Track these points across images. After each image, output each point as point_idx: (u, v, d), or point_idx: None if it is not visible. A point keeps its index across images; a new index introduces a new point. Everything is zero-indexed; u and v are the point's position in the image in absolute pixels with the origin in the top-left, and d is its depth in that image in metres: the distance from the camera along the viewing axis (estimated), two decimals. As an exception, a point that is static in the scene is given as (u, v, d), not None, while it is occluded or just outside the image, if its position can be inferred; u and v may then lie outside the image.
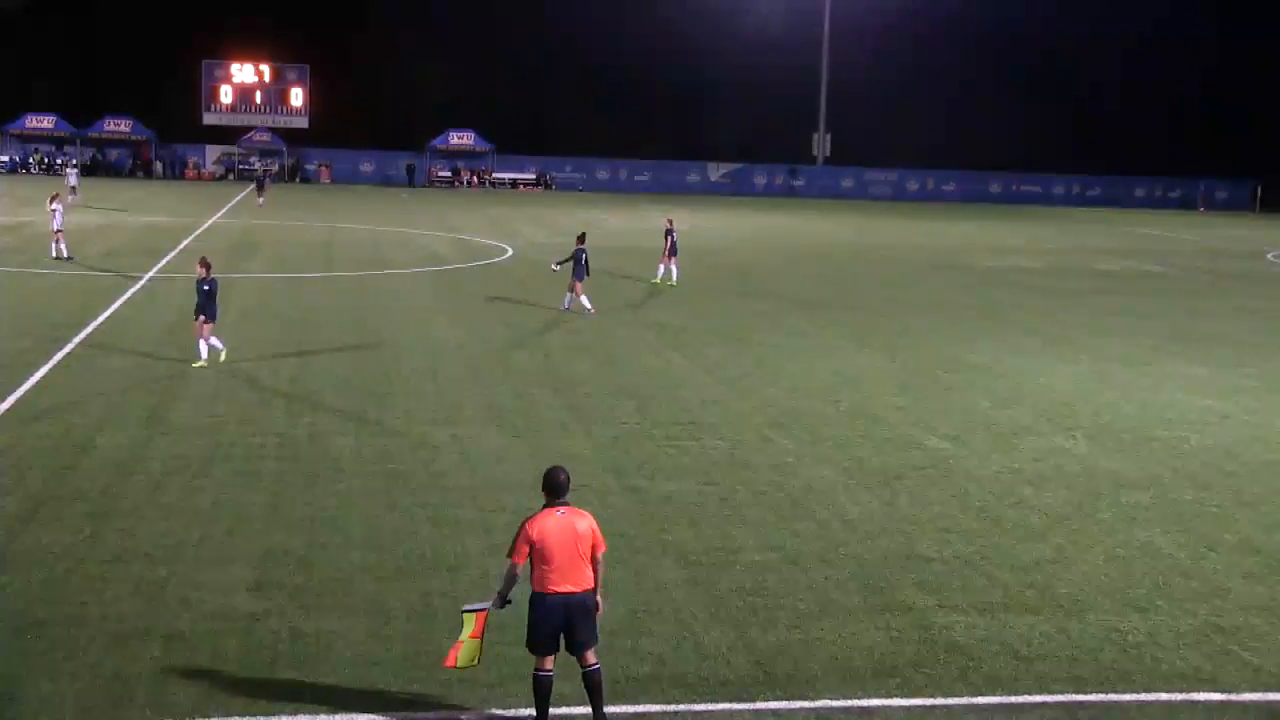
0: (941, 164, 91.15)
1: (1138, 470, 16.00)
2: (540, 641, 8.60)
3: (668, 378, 20.77)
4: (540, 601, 8.55)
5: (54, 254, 33.55)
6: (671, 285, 32.33)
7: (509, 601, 8.73)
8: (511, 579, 8.68)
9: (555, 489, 8.67)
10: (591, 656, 8.70)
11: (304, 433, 16.28)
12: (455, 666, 8.76)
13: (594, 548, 8.65)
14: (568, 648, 8.66)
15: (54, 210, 34.17)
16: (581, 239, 27.93)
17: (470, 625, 8.70)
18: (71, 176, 57.32)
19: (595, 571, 8.68)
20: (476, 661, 8.75)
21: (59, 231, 33.90)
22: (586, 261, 27.42)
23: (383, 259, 37.69)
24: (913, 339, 25.72)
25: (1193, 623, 11.04)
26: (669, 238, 32.93)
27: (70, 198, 35.59)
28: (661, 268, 32.99)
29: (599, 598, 8.75)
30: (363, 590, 11.03)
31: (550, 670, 8.66)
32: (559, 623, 8.55)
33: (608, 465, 15.17)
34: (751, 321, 27.40)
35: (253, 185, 63.78)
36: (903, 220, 65.98)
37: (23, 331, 22.81)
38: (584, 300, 27.08)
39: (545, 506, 8.66)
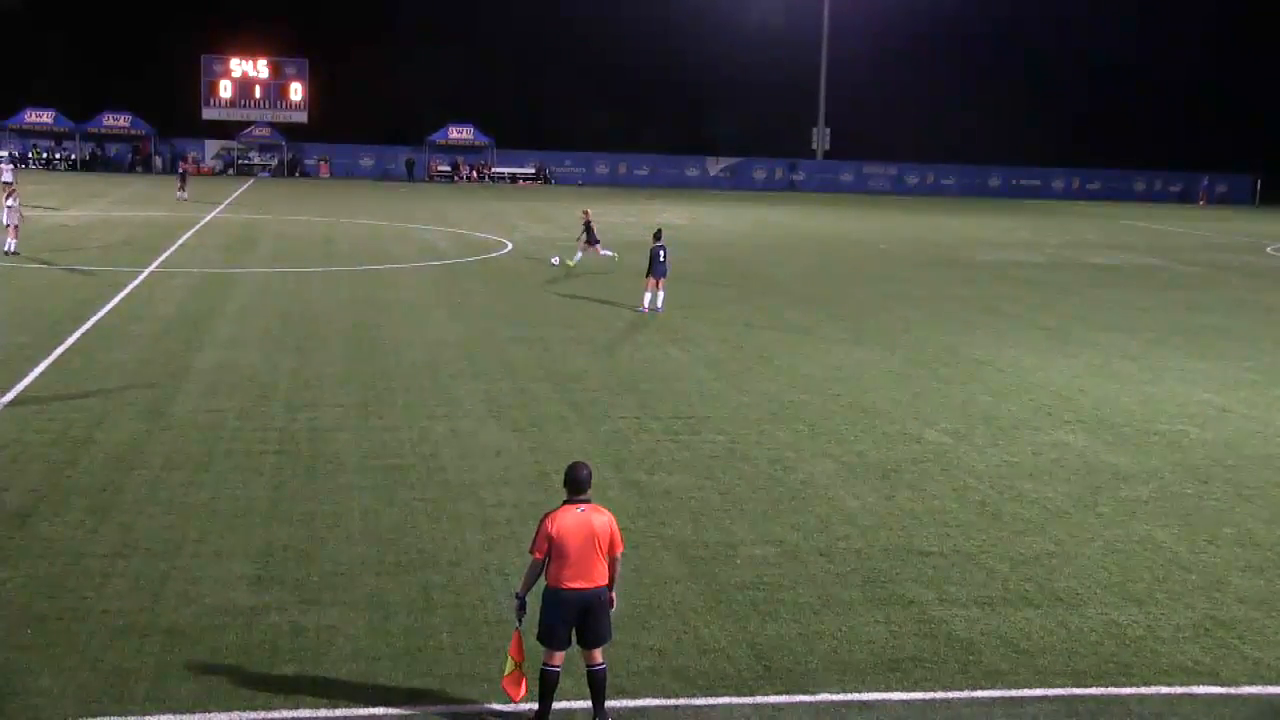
0: (941, 158, 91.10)
1: (1137, 464, 16.01)
2: (552, 636, 8.59)
3: (667, 372, 20.77)
4: (554, 596, 8.54)
5: (9, 248, 33.32)
6: (570, 265, 34.30)
7: (524, 610, 8.71)
8: (534, 574, 8.68)
9: (576, 485, 8.64)
10: (599, 655, 8.69)
11: (304, 427, 16.28)
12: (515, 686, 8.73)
13: (612, 546, 8.63)
14: (580, 642, 8.66)
15: (10, 205, 34.00)
16: (658, 235, 27.90)
17: (510, 648, 8.73)
18: (5, 172, 56.65)
19: (611, 569, 8.65)
20: (510, 670, 8.74)
21: (12, 226, 33.65)
22: (666, 258, 27.27)
23: (382, 253, 37.68)
24: (912, 333, 25.72)
25: (1192, 616, 11.04)
26: (587, 228, 34.88)
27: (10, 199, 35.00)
28: (579, 254, 34.77)
29: (613, 594, 8.73)
30: (363, 585, 11.04)
31: (558, 666, 8.65)
32: (572, 618, 8.55)
33: (607, 459, 15.17)
34: (750, 315, 27.41)
35: (252, 179, 63.50)
36: (902, 215, 65.96)
37: (22, 326, 22.79)
38: (652, 296, 27.03)
39: (566, 502, 8.64)
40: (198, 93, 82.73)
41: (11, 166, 59.37)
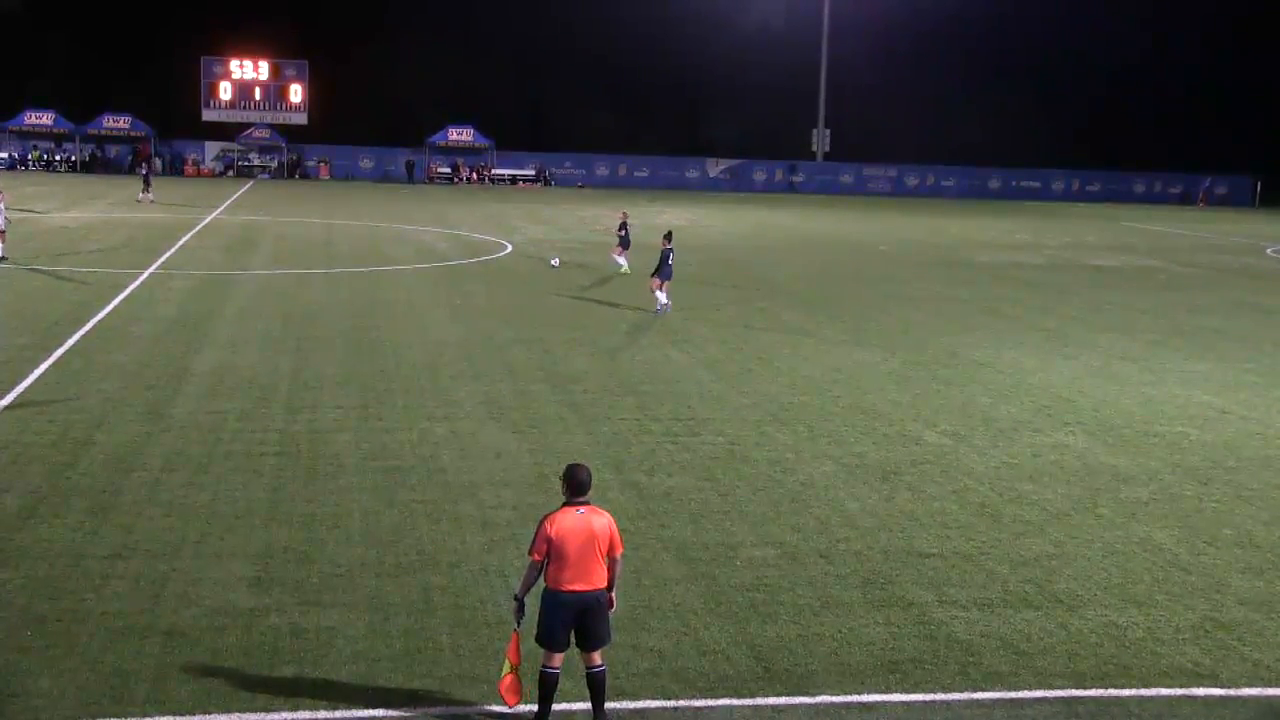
0: (941, 160, 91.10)
1: (1137, 465, 16.01)
2: (551, 638, 8.58)
3: (667, 373, 20.77)
4: (553, 598, 8.54)
5: None
6: (625, 273, 33.93)
7: (523, 612, 8.74)
8: (533, 576, 8.68)
9: (576, 487, 8.62)
10: (598, 657, 8.69)
11: (303, 429, 16.28)
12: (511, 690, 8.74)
13: (611, 547, 8.62)
14: (579, 644, 8.66)
15: None
16: (669, 237, 27.96)
17: (507, 649, 8.76)
18: None
19: (611, 571, 8.65)
20: (506, 673, 8.77)
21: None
22: (671, 261, 27.46)
23: (382, 255, 37.69)
24: (912, 334, 25.72)
25: (1192, 618, 11.04)
26: (623, 230, 34.94)
27: None
28: (622, 260, 34.69)
29: (612, 595, 8.74)
30: (362, 586, 11.04)
31: (557, 668, 8.65)
32: (571, 620, 8.54)
33: (607, 461, 15.17)
34: (750, 317, 27.41)
35: (251, 181, 63.51)
36: (902, 216, 65.97)
37: (22, 328, 22.79)
38: (660, 295, 27.19)
39: (565, 504, 8.63)
40: (198, 94, 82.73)
41: None
